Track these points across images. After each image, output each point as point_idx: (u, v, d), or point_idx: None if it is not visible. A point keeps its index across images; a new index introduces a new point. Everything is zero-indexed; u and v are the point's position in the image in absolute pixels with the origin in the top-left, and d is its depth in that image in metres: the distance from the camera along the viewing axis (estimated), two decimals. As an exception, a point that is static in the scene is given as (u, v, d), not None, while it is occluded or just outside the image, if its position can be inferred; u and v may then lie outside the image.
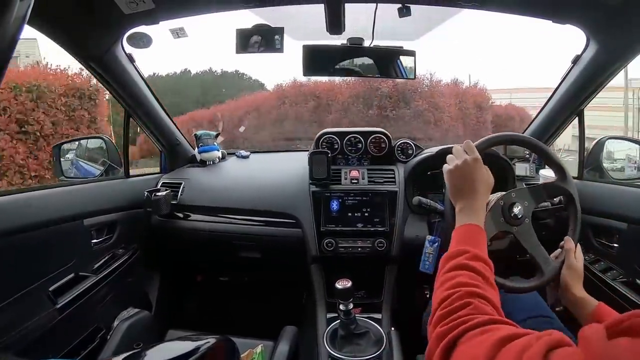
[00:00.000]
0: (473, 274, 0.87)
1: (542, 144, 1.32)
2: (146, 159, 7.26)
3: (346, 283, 1.53)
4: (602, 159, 2.08)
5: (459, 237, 1.02)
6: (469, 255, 0.92)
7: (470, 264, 0.89)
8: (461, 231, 1.03)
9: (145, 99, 2.09)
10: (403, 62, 1.74)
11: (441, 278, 0.91)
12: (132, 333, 1.87)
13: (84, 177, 2.24)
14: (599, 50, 1.66)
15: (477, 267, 0.89)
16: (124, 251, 2.05)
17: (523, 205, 1.20)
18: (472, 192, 1.09)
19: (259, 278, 2.70)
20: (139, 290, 2.25)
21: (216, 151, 2.54)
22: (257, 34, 1.63)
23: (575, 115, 2.00)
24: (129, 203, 2.07)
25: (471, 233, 1.01)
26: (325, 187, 2.04)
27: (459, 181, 1.12)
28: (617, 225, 1.66)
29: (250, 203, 2.15)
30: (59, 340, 1.61)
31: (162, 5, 1.51)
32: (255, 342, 1.70)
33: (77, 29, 1.58)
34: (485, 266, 0.91)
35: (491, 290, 0.86)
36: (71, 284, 1.67)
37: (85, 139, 2.49)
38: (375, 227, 1.97)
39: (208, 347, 1.09)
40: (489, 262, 0.94)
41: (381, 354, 1.63)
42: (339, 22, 1.61)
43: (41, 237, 1.54)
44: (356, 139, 2.28)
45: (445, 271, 0.92)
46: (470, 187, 1.09)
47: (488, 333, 0.70)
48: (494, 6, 1.61)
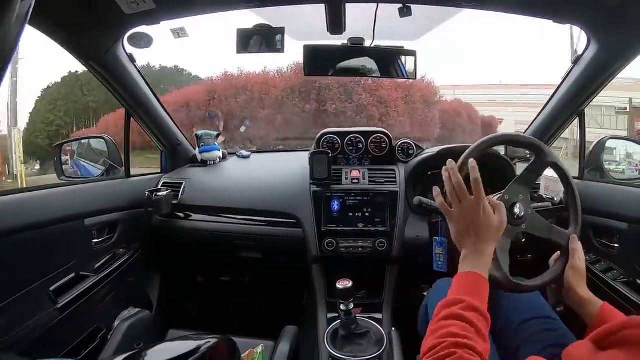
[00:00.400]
0: (465, 325, 0.86)
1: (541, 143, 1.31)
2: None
3: (347, 283, 1.54)
4: (602, 159, 2.07)
5: (459, 284, 1.00)
6: (464, 305, 0.91)
7: (463, 315, 0.88)
8: (461, 279, 1.01)
9: (146, 99, 2.09)
10: (404, 62, 1.74)
11: (433, 326, 0.91)
12: (133, 333, 1.87)
13: (85, 177, 2.24)
14: (599, 50, 1.65)
15: (470, 318, 0.88)
16: (125, 251, 2.05)
17: (520, 199, 1.19)
18: (478, 240, 1.04)
19: (259, 278, 2.70)
20: (139, 290, 2.25)
21: (217, 151, 2.54)
22: (258, 34, 1.63)
23: (576, 116, 2.00)
24: (129, 203, 2.07)
25: (471, 282, 0.99)
26: (326, 187, 2.05)
27: (463, 226, 1.07)
28: (618, 225, 1.66)
29: (251, 203, 2.15)
30: (59, 340, 1.61)
31: (163, 6, 1.51)
32: (256, 342, 1.70)
33: (78, 28, 1.58)
34: (480, 317, 0.90)
35: (481, 343, 0.85)
36: (72, 284, 1.67)
37: (86, 138, 2.48)
38: (376, 227, 1.97)
39: (209, 347, 1.09)
40: (486, 314, 0.92)
41: (382, 354, 1.64)
42: (339, 22, 1.61)
43: (42, 237, 1.54)
44: (357, 138, 2.28)
45: (438, 319, 0.91)
46: (476, 233, 1.05)
47: None
48: (494, 6, 1.61)
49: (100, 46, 1.72)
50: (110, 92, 1.99)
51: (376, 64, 1.75)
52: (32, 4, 0.60)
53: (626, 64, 1.67)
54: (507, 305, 1.44)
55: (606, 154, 2.10)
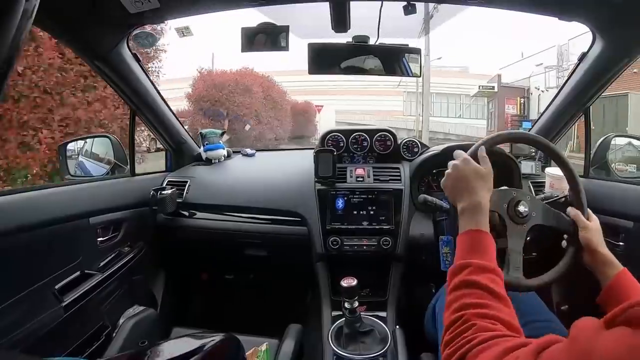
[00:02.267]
0: (478, 291, 0.86)
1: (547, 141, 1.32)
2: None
3: (351, 281, 1.53)
4: (608, 157, 2.07)
5: (463, 246, 1.00)
6: (473, 268, 0.91)
7: (474, 280, 0.88)
8: (464, 239, 1.01)
9: (150, 98, 2.09)
10: (408, 60, 1.74)
11: (448, 297, 0.90)
12: (138, 331, 1.88)
13: (90, 176, 2.25)
14: (605, 47, 1.65)
15: (482, 282, 0.87)
16: (130, 249, 2.05)
17: (530, 213, 1.20)
18: (469, 190, 1.07)
19: (264, 276, 2.70)
20: (144, 288, 2.25)
21: (221, 149, 2.54)
22: (262, 32, 1.63)
23: (581, 113, 1.99)
24: (134, 201, 2.07)
25: (475, 240, 1.00)
26: (331, 185, 2.04)
27: (454, 183, 1.12)
28: (624, 223, 1.65)
29: (255, 201, 2.15)
30: (64, 338, 1.62)
31: (167, 4, 1.51)
32: (261, 340, 1.70)
33: (83, 28, 1.58)
34: (493, 276, 0.90)
35: (499, 305, 0.85)
36: (77, 282, 1.68)
37: (91, 137, 2.49)
38: (381, 225, 1.97)
39: (213, 344, 1.10)
40: (497, 270, 0.92)
41: (386, 352, 1.63)
42: (344, 20, 1.61)
43: (47, 236, 1.54)
44: (362, 137, 2.28)
45: (451, 289, 0.91)
46: (466, 185, 1.08)
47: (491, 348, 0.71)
48: (499, 3, 1.61)
49: (105, 45, 1.72)
50: (115, 91, 2.00)
51: (380, 62, 1.74)
52: (36, 3, 0.60)
53: (631, 60, 1.66)
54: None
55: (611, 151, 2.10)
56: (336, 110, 30.06)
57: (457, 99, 33.40)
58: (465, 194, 1.08)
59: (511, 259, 1.15)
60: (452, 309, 0.86)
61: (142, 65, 1.95)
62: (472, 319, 0.80)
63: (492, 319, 0.80)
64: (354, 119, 30.30)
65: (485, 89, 27.68)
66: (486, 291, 0.86)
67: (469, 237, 1.01)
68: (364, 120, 30.13)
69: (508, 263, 1.15)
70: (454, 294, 0.89)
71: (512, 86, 26.54)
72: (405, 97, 33.58)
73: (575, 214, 1.20)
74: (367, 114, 31.95)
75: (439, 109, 32.38)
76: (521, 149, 2.16)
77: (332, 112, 28.59)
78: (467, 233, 1.01)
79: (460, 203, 1.08)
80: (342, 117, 30.24)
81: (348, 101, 33.12)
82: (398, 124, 30.34)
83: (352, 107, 33.02)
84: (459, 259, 0.96)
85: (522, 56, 27.58)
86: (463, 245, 1.00)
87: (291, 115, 19.81)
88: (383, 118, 30.67)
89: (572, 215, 1.20)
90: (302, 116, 21.47)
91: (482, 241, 0.99)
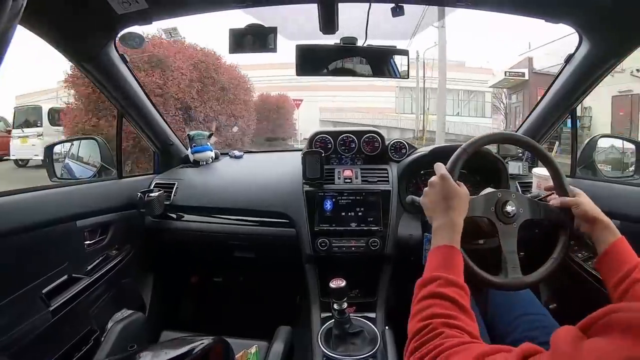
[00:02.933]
0: (447, 303, 0.88)
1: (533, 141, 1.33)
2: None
3: (340, 282, 1.54)
4: (594, 157, 2.09)
5: (434, 261, 1.02)
6: (442, 282, 0.93)
7: (443, 292, 0.90)
8: (435, 254, 1.04)
9: (138, 100, 2.08)
10: (396, 62, 1.75)
11: (415, 307, 0.92)
12: (126, 335, 1.86)
13: (77, 178, 2.23)
14: (591, 49, 1.67)
15: (450, 295, 0.90)
16: (118, 252, 2.04)
17: (518, 211, 1.21)
18: (444, 209, 1.10)
19: (253, 278, 2.70)
20: (132, 291, 2.24)
21: (209, 151, 2.53)
22: (250, 34, 1.63)
23: (568, 114, 2.01)
24: (122, 204, 2.06)
25: (446, 256, 1.02)
26: (319, 186, 2.04)
27: (431, 202, 1.16)
28: None
29: (243, 203, 2.15)
30: (52, 343, 1.60)
31: (155, 6, 1.50)
32: (250, 343, 1.70)
33: (70, 29, 1.57)
34: (460, 291, 0.92)
35: (465, 319, 0.87)
36: (64, 286, 1.66)
37: (77, 139, 2.48)
38: (369, 226, 1.97)
39: (202, 348, 1.10)
40: (464, 286, 0.95)
41: (376, 352, 1.64)
42: (332, 22, 1.61)
43: (33, 239, 1.52)
44: (349, 138, 2.29)
45: (419, 299, 0.93)
46: (442, 205, 1.11)
47: (463, 352, 0.73)
48: (486, 5, 1.62)
49: (92, 46, 1.71)
50: (102, 93, 1.99)
51: (368, 64, 1.75)
52: (24, 3, 0.59)
53: (618, 62, 1.69)
54: (498, 301, 1.45)
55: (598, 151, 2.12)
56: (320, 107, 28.55)
57: (454, 95, 30.54)
58: (440, 213, 1.11)
59: (508, 260, 1.17)
60: (419, 318, 0.88)
61: (129, 66, 1.94)
62: (440, 327, 0.82)
63: (458, 329, 0.82)
64: (341, 117, 28.73)
65: (513, 77, 22.71)
66: (454, 304, 0.88)
67: (441, 252, 1.03)
68: (352, 118, 28.63)
69: (506, 265, 1.17)
70: (421, 303, 0.91)
71: (547, 74, 19.11)
72: (397, 92, 31.88)
73: (561, 200, 1.22)
74: (356, 112, 29.86)
75: (434, 107, 30.27)
76: (508, 150, 2.17)
77: (314, 109, 26.73)
78: (439, 249, 1.04)
79: (435, 221, 1.11)
80: (327, 116, 29.17)
81: (334, 97, 29.92)
82: (390, 122, 29.04)
83: (338, 104, 30.32)
84: (428, 272, 0.99)
85: (529, 47, 24.03)
86: (434, 260, 1.02)
87: (261, 111, 16.37)
88: (374, 116, 29.24)
89: (558, 203, 1.23)
90: (275, 113, 18.05)
91: (453, 258, 1.01)
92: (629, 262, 1.06)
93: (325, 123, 27.07)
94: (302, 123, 19.81)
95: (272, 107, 17.69)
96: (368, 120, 27.96)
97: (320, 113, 28.43)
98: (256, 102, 16.32)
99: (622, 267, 1.05)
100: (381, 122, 28.05)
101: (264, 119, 16.52)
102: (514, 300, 1.41)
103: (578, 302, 1.29)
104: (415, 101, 29.53)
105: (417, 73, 26.57)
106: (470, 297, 0.93)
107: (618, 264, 1.06)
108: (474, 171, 2.06)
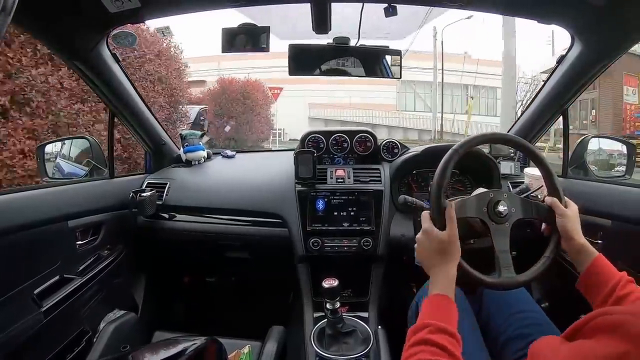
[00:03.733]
0: (436, 349, 0.89)
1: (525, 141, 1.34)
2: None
3: (333, 282, 1.54)
4: (586, 157, 2.10)
5: (427, 309, 1.03)
6: (433, 329, 0.93)
7: (433, 339, 0.91)
8: (429, 303, 1.05)
9: (130, 99, 2.07)
10: (389, 62, 1.75)
11: (406, 353, 0.93)
12: (119, 335, 1.86)
13: (69, 178, 2.22)
14: (583, 50, 1.68)
15: (440, 342, 0.90)
16: (110, 252, 2.03)
17: (510, 211, 1.22)
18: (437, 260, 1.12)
19: (245, 278, 2.70)
20: (125, 291, 2.23)
21: (201, 151, 2.53)
22: (243, 33, 1.63)
23: (559, 114, 2.02)
24: (114, 204, 2.05)
25: (439, 305, 1.03)
26: (311, 186, 2.05)
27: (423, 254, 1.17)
28: (601, 222, 1.68)
29: (236, 203, 2.15)
30: (44, 344, 1.59)
31: (148, 4, 1.49)
32: (243, 343, 1.71)
33: (62, 27, 1.56)
34: (451, 339, 0.93)
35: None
36: (56, 287, 1.65)
37: (69, 139, 2.46)
38: (361, 226, 1.98)
39: (195, 348, 1.10)
40: (456, 335, 0.95)
41: (368, 352, 1.64)
42: (325, 21, 1.61)
43: (25, 240, 1.51)
44: (342, 138, 2.29)
45: (410, 345, 0.94)
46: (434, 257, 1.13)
47: None
48: (479, 6, 1.63)
49: (84, 45, 1.70)
50: (93, 92, 1.98)
51: (361, 64, 1.75)
52: (16, 1, 0.59)
53: (609, 63, 1.70)
54: (492, 299, 1.45)
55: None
56: (310, 103, 27.21)
57: (462, 90, 27.39)
58: (433, 264, 1.12)
59: (501, 259, 1.17)
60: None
61: (121, 65, 1.93)
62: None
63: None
64: (334, 115, 26.90)
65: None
66: (443, 350, 0.89)
67: (433, 301, 1.04)
68: (346, 116, 26.38)
69: (499, 265, 1.17)
70: (411, 349, 0.92)
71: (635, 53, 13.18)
72: (399, 87, 28.78)
73: (552, 201, 1.22)
74: (351, 108, 27.30)
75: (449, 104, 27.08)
76: (500, 150, 2.18)
77: (302, 105, 25.20)
78: (434, 297, 1.05)
79: (430, 270, 1.13)
80: (317, 112, 27.53)
81: (326, 92, 26.86)
82: (390, 121, 27.02)
83: (331, 100, 27.65)
84: (421, 320, 0.99)
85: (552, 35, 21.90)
86: (428, 307, 1.03)
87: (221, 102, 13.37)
88: (371, 114, 27.00)
89: (549, 202, 1.23)
90: (240, 105, 13.71)
91: (446, 306, 1.02)
92: (610, 279, 1.07)
93: (315, 121, 25.78)
94: (285, 120, 18.00)
95: (235, 97, 13.75)
96: (364, 118, 26.29)
97: (309, 110, 26.96)
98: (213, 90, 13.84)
99: (605, 286, 1.06)
100: (381, 120, 26.64)
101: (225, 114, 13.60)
102: (507, 298, 1.42)
103: (569, 302, 1.30)
104: (429, 97, 27.42)
105: (434, 59, 24.66)
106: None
107: (599, 284, 1.08)
108: (465, 171, 2.07)
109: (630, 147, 2.12)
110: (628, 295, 1.01)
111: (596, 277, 1.09)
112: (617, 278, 1.06)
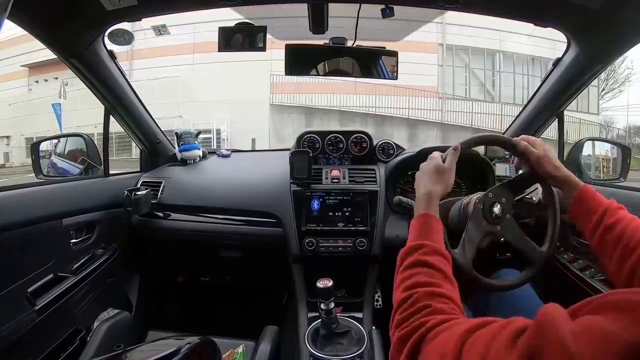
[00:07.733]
0: (431, 271, 0.89)
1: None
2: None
3: (327, 282, 1.54)
4: (580, 159, 2.11)
5: (415, 229, 1.05)
6: (427, 249, 0.94)
7: (427, 260, 0.91)
8: (418, 223, 1.06)
9: (126, 97, 2.06)
10: (385, 63, 1.75)
11: (400, 276, 0.93)
12: (113, 334, 1.86)
13: (63, 176, 2.21)
14: (579, 53, 1.68)
15: (434, 263, 0.91)
16: (104, 251, 2.03)
17: (501, 202, 1.22)
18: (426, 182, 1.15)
19: (240, 278, 2.70)
20: (119, 290, 2.23)
21: (197, 150, 2.52)
22: (240, 32, 1.63)
23: (555, 117, 2.03)
24: (108, 202, 2.04)
25: (426, 224, 1.04)
26: (306, 186, 2.04)
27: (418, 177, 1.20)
28: None
29: (231, 202, 2.15)
30: (38, 342, 1.59)
31: (144, 2, 1.49)
32: (237, 342, 1.70)
33: (58, 24, 1.56)
34: (443, 259, 0.94)
35: (449, 286, 0.88)
36: (50, 285, 1.65)
37: (64, 137, 2.45)
38: (356, 226, 1.98)
39: (189, 347, 1.10)
40: (446, 254, 0.96)
41: (363, 352, 1.64)
42: (322, 21, 1.62)
43: (19, 238, 1.51)
44: (337, 138, 2.30)
45: (403, 268, 0.94)
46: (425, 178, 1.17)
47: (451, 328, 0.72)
48: (475, 8, 1.63)
49: (81, 43, 1.69)
50: (90, 90, 1.97)
51: (357, 64, 1.76)
52: None
53: (605, 66, 1.71)
54: (494, 298, 1.46)
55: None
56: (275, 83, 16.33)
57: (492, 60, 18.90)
58: (422, 185, 1.15)
59: (466, 246, 1.18)
60: (404, 287, 0.88)
61: (117, 63, 1.92)
62: (424, 299, 0.82)
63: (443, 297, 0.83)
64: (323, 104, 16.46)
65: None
66: (438, 271, 0.90)
67: (421, 221, 1.06)
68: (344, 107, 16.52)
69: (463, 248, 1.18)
70: (406, 272, 0.92)
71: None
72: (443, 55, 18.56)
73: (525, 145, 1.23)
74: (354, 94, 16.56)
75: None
76: (495, 151, 2.18)
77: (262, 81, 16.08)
78: (420, 217, 1.07)
79: (418, 193, 1.15)
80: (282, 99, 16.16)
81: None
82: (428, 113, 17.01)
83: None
84: (411, 241, 1.01)
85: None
86: (415, 228, 1.05)
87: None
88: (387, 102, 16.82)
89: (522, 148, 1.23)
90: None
91: (433, 225, 1.04)
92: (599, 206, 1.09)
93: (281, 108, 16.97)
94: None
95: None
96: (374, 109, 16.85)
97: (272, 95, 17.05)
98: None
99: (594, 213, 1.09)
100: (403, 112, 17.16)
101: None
102: (513, 299, 1.42)
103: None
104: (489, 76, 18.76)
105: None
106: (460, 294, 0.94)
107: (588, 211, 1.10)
108: (460, 172, 2.07)
109: (625, 150, 2.13)
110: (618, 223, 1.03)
111: (586, 204, 1.11)
112: (606, 205, 1.08)
